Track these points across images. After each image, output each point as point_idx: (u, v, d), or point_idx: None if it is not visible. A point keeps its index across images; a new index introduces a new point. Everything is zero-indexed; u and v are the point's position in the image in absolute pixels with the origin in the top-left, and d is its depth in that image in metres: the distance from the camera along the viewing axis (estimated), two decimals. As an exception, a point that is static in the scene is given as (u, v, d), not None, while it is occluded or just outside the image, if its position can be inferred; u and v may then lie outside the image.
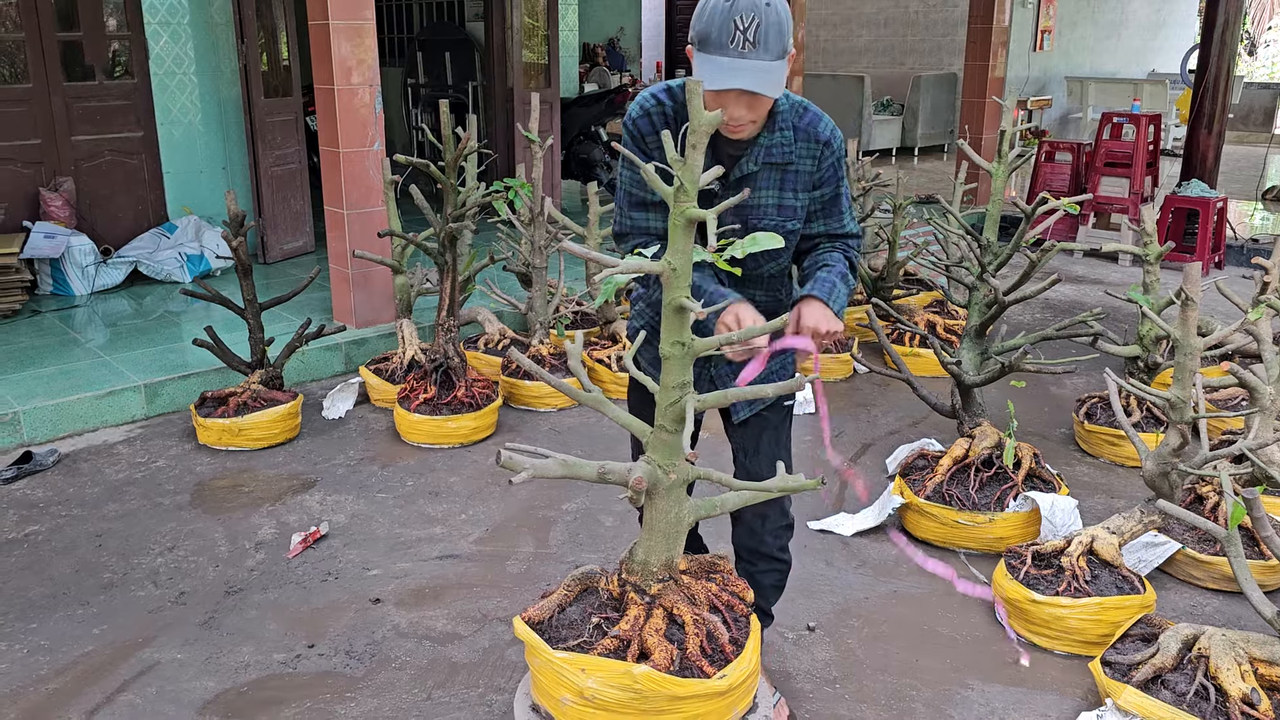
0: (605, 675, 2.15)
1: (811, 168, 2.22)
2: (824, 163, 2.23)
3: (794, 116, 2.20)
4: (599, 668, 2.16)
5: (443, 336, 4.55)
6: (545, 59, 8.82)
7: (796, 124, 2.20)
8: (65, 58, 6.25)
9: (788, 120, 2.19)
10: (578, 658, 2.18)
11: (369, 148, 5.17)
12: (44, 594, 3.21)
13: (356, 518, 3.74)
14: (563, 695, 2.20)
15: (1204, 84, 8.04)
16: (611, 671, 2.15)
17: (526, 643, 2.28)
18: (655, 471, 2.12)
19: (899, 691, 2.78)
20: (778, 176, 2.21)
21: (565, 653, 2.20)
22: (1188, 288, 2.96)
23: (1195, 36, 15.42)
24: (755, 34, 1.95)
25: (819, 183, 2.25)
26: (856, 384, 5.24)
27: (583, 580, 2.38)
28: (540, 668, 2.26)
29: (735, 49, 1.96)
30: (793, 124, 2.20)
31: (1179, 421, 3.01)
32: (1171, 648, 2.58)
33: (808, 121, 2.21)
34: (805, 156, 2.21)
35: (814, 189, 2.25)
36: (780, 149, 2.19)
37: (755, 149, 2.18)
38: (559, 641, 2.25)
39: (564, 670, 2.18)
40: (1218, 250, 7.77)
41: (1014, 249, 3.83)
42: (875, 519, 3.65)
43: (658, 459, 2.12)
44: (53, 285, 6.05)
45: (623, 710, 2.16)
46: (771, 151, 2.19)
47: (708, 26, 1.98)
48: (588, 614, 2.31)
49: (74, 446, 4.33)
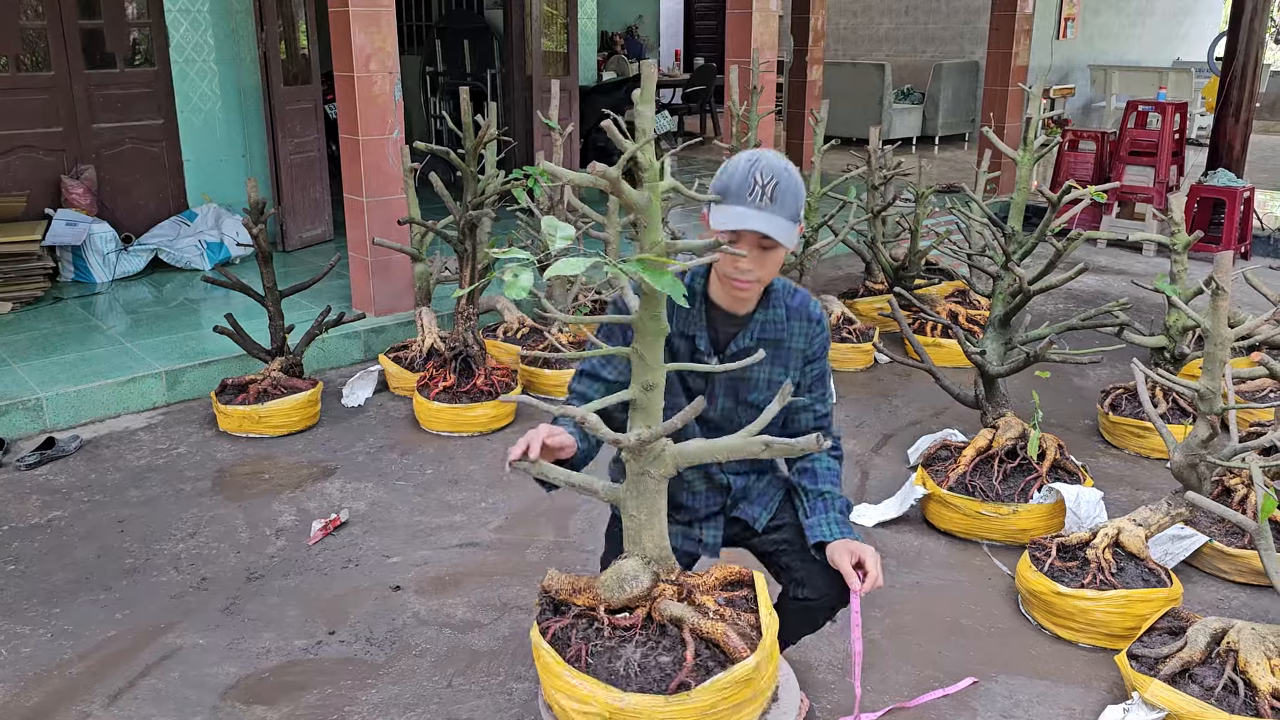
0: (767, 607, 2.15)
1: (804, 345, 2.29)
2: (815, 340, 2.30)
3: (785, 296, 2.27)
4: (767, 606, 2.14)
5: (462, 325, 4.55)
6: (564, 47, 8.80)
7: (789, 303, 2.27)
8: (86, 46, 6.27)
9: (780, 299, 2.26)
10: (767, 617, 2.13)
11: (388, 135, 5.16)
12: (67, 579, 3.23)
13: (376, 505, 3.74)
14: None
15: (1231, 72, 7.93)
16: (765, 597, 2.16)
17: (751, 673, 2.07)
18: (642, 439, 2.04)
19: (922, 683, 2.76)
20: (771, 352, 2.25)
21: (765, 636, 2.10)
22: (1219, 277, 2.91)
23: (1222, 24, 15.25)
24: (774, 191, 2.04)
25: (811, 358, 2.31)
26: (878, 374, 5.21)
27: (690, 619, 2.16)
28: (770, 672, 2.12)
29: (753, 201, 2.04)
30: (785, 303, 2.27)
31: (1208, 412, 2.97)
32: (1200, 641, 2.55)
33: (799, 300, 2.29)
34: (799, 334, 2.28)
35: (805, 364, 2.31)
36: (774, 325, 2.25)
37: (751, 325, 2.24)
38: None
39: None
40: (1244, 240, 7.67)
41: (1039, 238, 3.79)
42: (898, 509, 3.63)
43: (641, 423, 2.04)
44: (74, 272, 6.09)
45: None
46: (766, 328, 2.25)
47: (728, 180, 2.06)
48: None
49: (96, 433, 4.35)
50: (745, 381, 2.28)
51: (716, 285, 2.21)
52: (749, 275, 2.11)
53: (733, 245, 2.04)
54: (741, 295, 2.17)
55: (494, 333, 5.25)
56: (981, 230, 4.34)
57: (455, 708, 2.63)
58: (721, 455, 2.03)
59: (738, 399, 2.28)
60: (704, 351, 2.24)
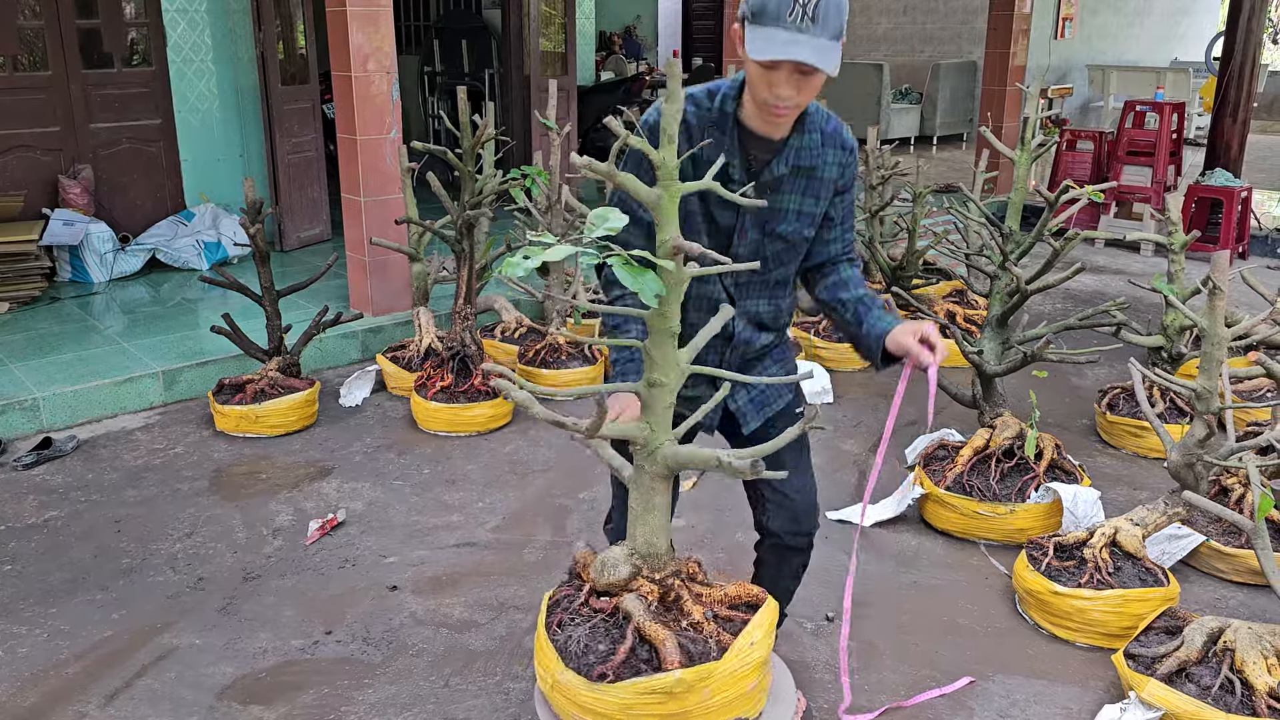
0: (764, 627, 2.16)
1: (836, 174, 2.18)
2: (847, 171, 2.20)
3: (820, 121, 2.15)
4: (753, 629, 2.15)
5: (459, 324, 4.54)
6: (562, 47, 8.79)
7: (824, 128, 2.15)
8: (84, 45, 6.26)
9: (815, 124, 2.14)
10: (742, 641, 2.12)
11: (386, 135, 5.16)
12: (64, 579, 3.22)
13: (373, 505, 3.74)
14: (749, 683, 2.13)
15: (1229, 72, 7.94)
16: (763, 621, 2.17)
17: (696, 680, 2.06)
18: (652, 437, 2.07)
19: (919, 683, 2.75)
20: (803, 182, 2.16)
21: (728, 653, 2.11)
22: (1216, 276, 2.91)
23: (1219, 24, 15.25)
24: (815, 9, 1.87)
25: (842, 189, 2.22)
26: (875, 374, 5.20)
27: (646, 609, 2.20)
28: (716, 688, 2.10)
29: (793, 22, 1.87)
30: (820, 128, 2.14)
31: (1205, 412, 2.97)
32: (1196, 641, 2.55)
33: (834, 127, 2.17)
34: (832, 164, 2.16)
35: (834, 195, 2.21)
36: (809, 152, 2.14)
37: (786, 151, 2.12)
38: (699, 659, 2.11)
39: (741, 663, 2.11)
40: (1242, 240, 7.67)
41: (1036, 237, 3.79)
42: (895, 509, 3.63)
43: (651, 421, 2.06)
44: (71, 272, 6.08)
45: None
46: (801, 154, 2.13)
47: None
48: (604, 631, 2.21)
49: (93, 433, 4.34)
50: (775, 213, 2.16)
51: (750, 108, 2.07)
52: (788, 102, 1.97)
53: (770, 72, 1.93)
54: (779, 122, 2.05)
55: (492, 333, 5.25)
56: (979, 230, 4.34)
57: (452, 707, 2.63)
58: (711, 464, 2.01)
59: (765, 231, 2.18)
60: (736, 180, 2.11)
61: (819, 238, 2.27)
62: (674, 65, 1.81)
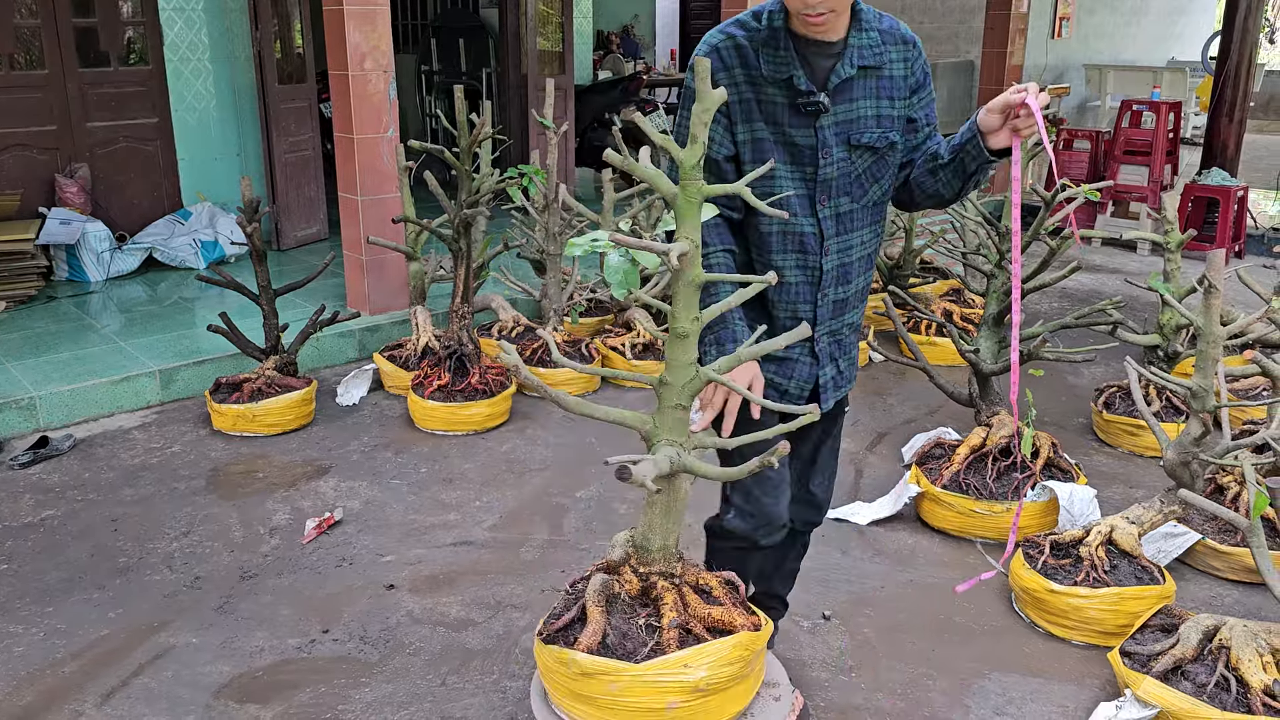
0: (715, 659, 2.17)
1: (904, 71, 2.09)
2: (915, 64, 2.10)
3: (874, 19, 2.07)
4: (702, 654, 2.16)
5: (457, 323, 4.54)
6: (560, 46, 8.79)
7: (879, 26, 2.07)
8: (80, 44, 6.25)
9: (870, 22, 2.06)
10: (676, 658, 2.15)
11: (383, 134, 5.16)
12: (60, 578, 3.22)
13: (370, 504, 3.73)
14: (669, 700, 2.16)
15: (1225, 72, 7.94)
16: (720, 653, 2.18)
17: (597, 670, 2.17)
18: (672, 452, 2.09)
19: (915, 681, 2.76)
20: (873, 84, 2.06)
21: (653, 660, 2.16)
22: (1212, 275, 2.91)
23: (1216, 23, 15.27)
24: None
25: (915, 86, 2.11)
26: (873, 373, 5.21)
27: (603, 591, 2.30)
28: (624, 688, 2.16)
29: None
30: (875, 26, 2.07)
31: (1201, 410, 2.97)
32: (1192, 638, 2.55)
33: (889, 24, 2.09)
34: (896, 60, 2.08)
35: (910, 94, 2.11)
36: (872, 50, 2.05)
37: (848, 51, 2.03)
38: (626, 656, 2.19)
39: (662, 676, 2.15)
40: (1238, 239, 7.69)
41: (1033, 237, 3.79)
42: (892, 508, 3.63)
43: (672, 437, 2.09)
44: (68, 271, 6.07)
45: (730, 682, 2.22)
46: (864, 53, 2.04)
47: None
48: (626, 619, 2.27)
49: (89, 432, 4.34)
50: (854, 122, 2.07)
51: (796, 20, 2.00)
52: (821, 5, 1.91)
53: None
54: (817, 27, 1.97)
55: (489, 331, 5.25)
56: (976, 229, 4.34)
57: (449, 706, 2.63)
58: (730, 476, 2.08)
59: (850, 144, 2.08)
60: (806, 91, 2.02)
61: (912, 146, 2.16)
62: (703, 65, 1.80)
